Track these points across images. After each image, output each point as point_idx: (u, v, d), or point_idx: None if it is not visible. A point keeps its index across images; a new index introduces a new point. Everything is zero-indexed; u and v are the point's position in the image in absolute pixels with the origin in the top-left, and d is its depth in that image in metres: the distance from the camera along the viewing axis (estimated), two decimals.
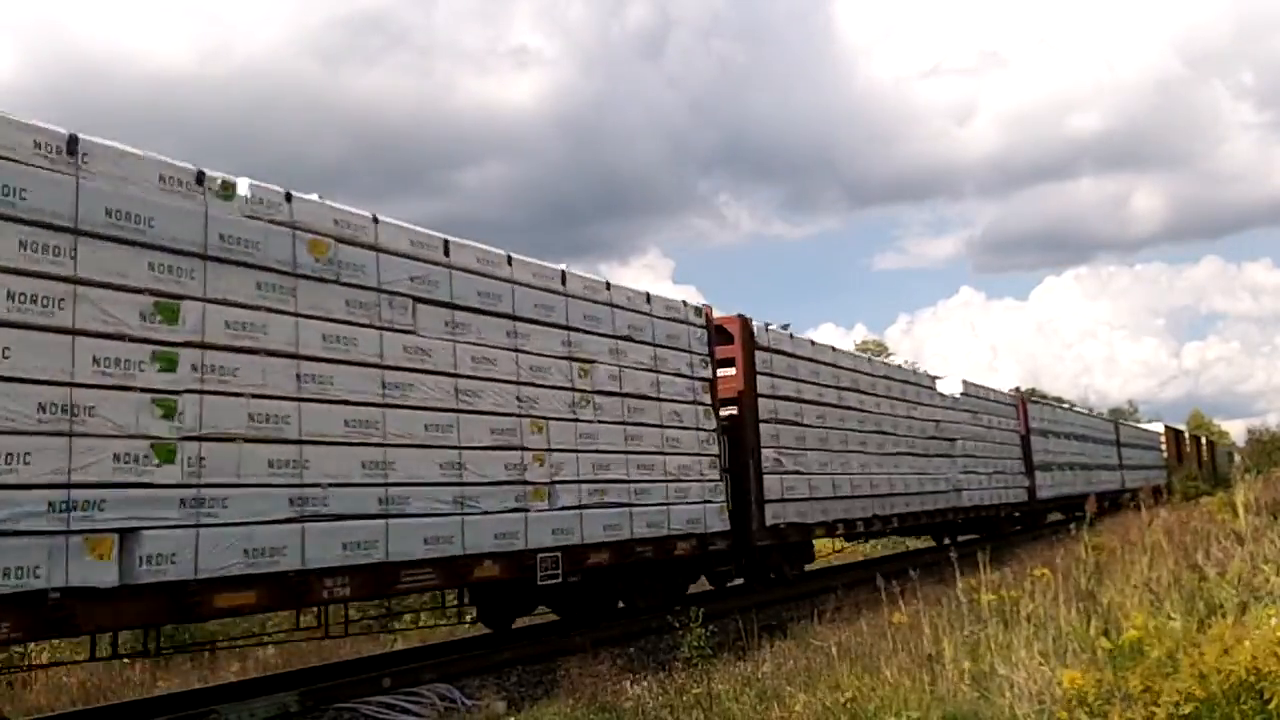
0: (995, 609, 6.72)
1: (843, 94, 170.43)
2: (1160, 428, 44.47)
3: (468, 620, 10.57)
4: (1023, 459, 24.33)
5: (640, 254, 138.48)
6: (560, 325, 10.30)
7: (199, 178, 7.17)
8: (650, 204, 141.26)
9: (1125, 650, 5.06)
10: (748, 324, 13.86)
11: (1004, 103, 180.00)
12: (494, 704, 7.84)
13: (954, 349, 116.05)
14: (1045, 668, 5.23)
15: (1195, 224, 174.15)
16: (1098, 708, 4.14)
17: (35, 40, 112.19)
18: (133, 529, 6.31)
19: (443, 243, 9.09)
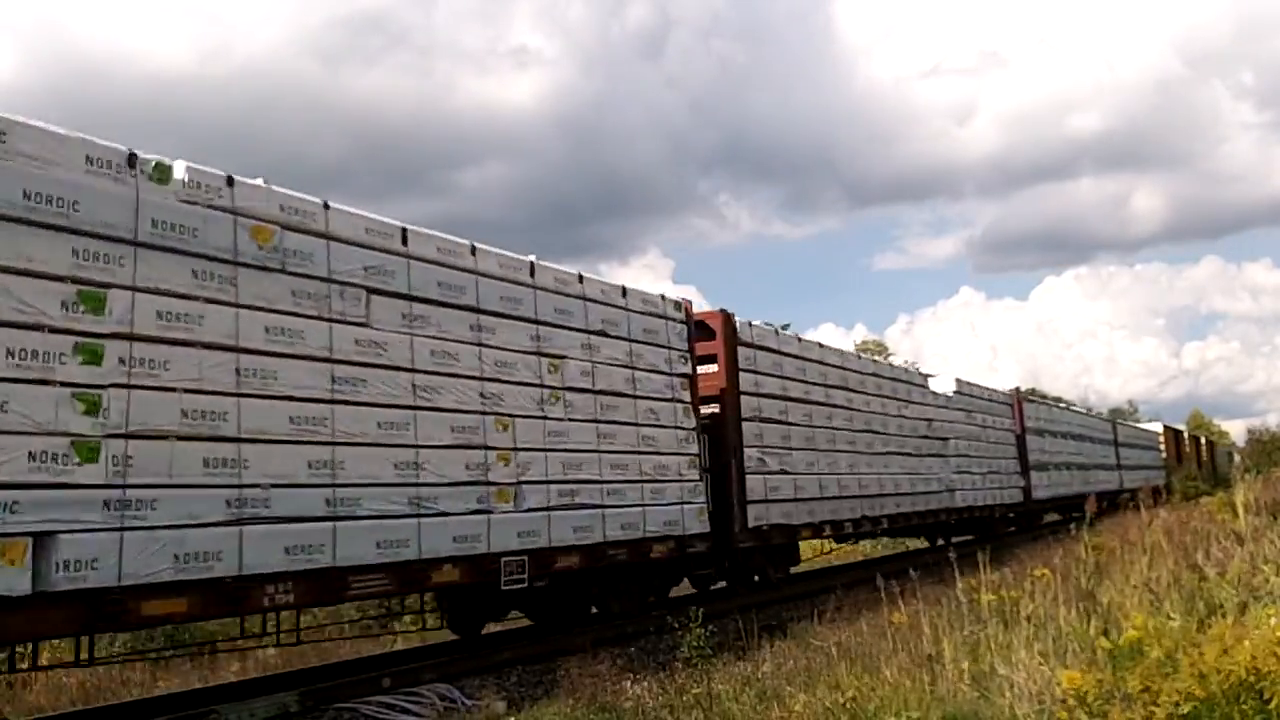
0: (995, 609, 6.68)
1: (843, 94, 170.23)
2: (1159, 427, 44.31)
3: (419, 628, 10.16)
4: (1018, 459, 23.98)
5: (640, 254, 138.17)
6: (529, 319, 9.88)
7: (130, 160, 6.76)
8: (650, 204, 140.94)
9: (1125, 650, 5.01)
10: (730, 319, 13.42)
11: (1004, 103, 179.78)
12: (494, 704, 7.73)
13: (954, 349, 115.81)
14: (1045, 668, 5.21)
15: (1195, 224, 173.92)
16: (1097, 708, 4.13)
17: (35, 40, 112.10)
18: (49, 532, 5.88)
19: (400, 231, 8.67)
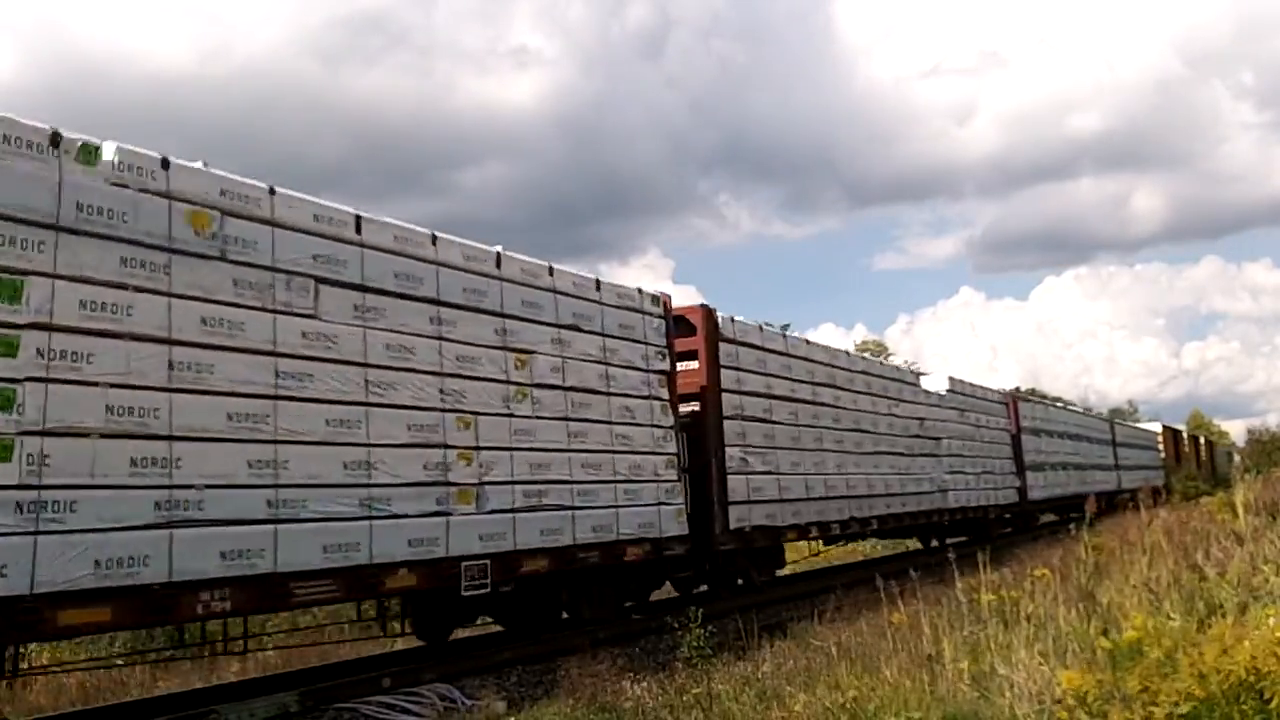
0: (995, 609, 6.61)
1: (843, 94, 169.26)
2: (1158, 427, 43.92)
3: (380, 635, 9.79)
4: (1013, 459, 23.55)
5: (640, 254, 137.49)
6: (494, 312, 9.46)
7: (54, 139, 6.35)
8: (650, 204, 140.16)
9: (1125, 650, 4.93)
10: (711, 315, 13.00)
11: (1004, 103, 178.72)
12: (494, 704, 7.66)
13: (954, 349, 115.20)
14: (1045, 668, 5.18)
15: (1195, 224, 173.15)
16: (1097, 708, 4.12)
17: (35, 40, 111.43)
18: None
19: (354, 219, 8.26)
